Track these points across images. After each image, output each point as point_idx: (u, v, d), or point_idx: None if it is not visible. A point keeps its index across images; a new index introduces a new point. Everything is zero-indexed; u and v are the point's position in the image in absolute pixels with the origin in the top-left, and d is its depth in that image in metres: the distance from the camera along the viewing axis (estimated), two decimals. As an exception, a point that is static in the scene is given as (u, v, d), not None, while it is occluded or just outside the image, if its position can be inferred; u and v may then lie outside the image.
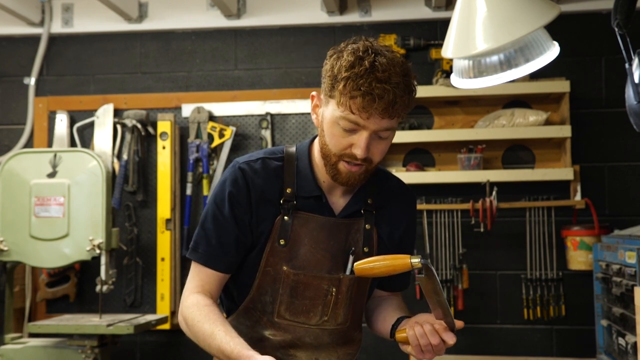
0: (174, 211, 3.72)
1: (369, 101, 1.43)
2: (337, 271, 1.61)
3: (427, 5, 3.67)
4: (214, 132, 3.70)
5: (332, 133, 1.52)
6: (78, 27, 3.89)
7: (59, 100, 3.89)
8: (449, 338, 1.46)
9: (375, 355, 3.59)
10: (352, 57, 1.47)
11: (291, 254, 1.59)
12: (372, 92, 1.43)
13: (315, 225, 1.60)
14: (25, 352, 3.26)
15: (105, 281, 3.32)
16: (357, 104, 1.45)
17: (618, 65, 2.21)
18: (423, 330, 1.47)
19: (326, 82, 1.52)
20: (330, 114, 1.51)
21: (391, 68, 1.45)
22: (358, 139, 1.49)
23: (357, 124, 1.48)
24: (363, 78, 1.43)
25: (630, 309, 2.59)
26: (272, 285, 1.60)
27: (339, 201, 1.64)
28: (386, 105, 1.44)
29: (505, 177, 3.49)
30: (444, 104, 3.66)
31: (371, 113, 1.45)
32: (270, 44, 3.81)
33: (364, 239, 1.63)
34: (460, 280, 3.56)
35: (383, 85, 1.43)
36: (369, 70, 1.44)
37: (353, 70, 1.45)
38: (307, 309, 1.60)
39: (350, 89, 1.44)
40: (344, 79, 1.46)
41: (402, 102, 1.46)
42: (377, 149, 1.52)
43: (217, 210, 1.60)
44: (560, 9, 1.44)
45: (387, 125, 1.48)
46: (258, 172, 1.61)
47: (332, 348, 1.66)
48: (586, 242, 3.37)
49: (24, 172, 3.39)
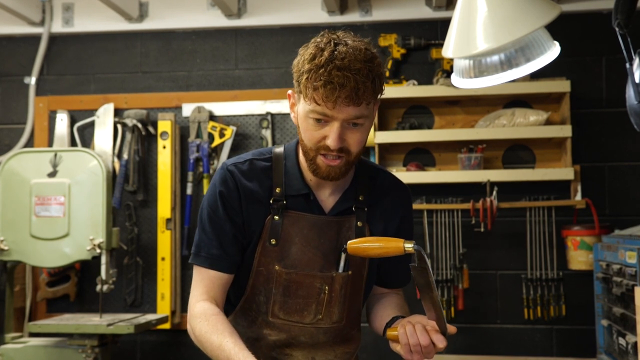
0: (175, 211, 3.72)
1: (331, 90, 1.43)
2: (329, 269, 1.61)
3: (428, 5, 3.67)
4: (214, 132, 3.70)
5: (306, 127, 1.52)
6: (78, 27, 3.89)
7: (59, 100, 3.89)
8: (439, 340, 1.44)
9: (375, 355, 3.59)
10: (314, 50, 1.48)
11: (282, 254, 1.60)
12: (332, 81, 1.43)
13: (305, 224, 1.61)
14: (25, 352, 3.26)
15: (106, 281, 3.32)
16: (320, 94, 1.45)
17: (619, 65, 2.21)
18: (414, 329, 1.46)
19: (294, 79, 1.54)
20: (302, 109, 1.52)
21: (351, 55, 1.44)
22: (330, 130, 1.49)
23: (325, 115, 1.48)
24: (322, 68, 1.44)
25: (631, 309, 2.59)
26: (265, 285, 1.61)
27: (328, 199, 1.64)
28: (349, 93, 1.43)
29: (506, 177, 3.49)
30: (445, 103, 3.66)
31: (336, 102, 1.44)
32: (270, 44, 3.81)
33: (355, 237, 1.62)
34: (460, 280, 3.56)
35: (343, 72, 1.42)
36: (328, 60, 1.44)
37: (314, 62, 1.46)
38: (301, 307, 1.60)
39: (313, 81, 1.45)
40: (307, 72, 1.47)
41: (366, 88, 1.45)
42: (352, 139, 1.51)
43: (211, 212, 1.61)
44: (560, 8, 1.44)
45: (355, 113, 1.47)
46: (246, 173, 1.62)
47: (329, 347, 1.66)
48: (586, 242, 3.37)
49: (25, 171, 3.39)
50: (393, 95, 3.53)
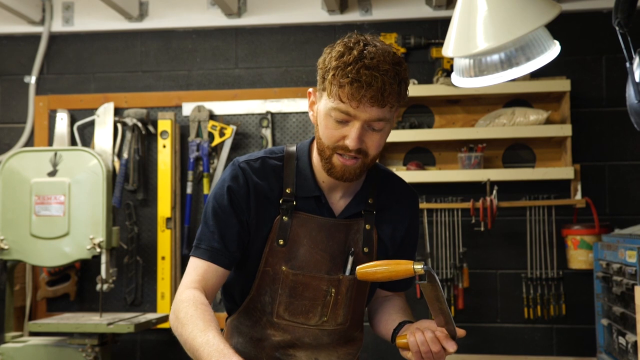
0: (175, 210, 3.72)
1: (357, 88, 1.43)
2: (336, 272, 1.60)
3: (428, 4, 3.67)
4: (214, 131, 3.70)
5: (326, 125, 1.51)
6: (78, 26, 3.89)
7: (59, 99, 3.89)
8: (450, 346, 1.45)
9: (375, 355, 3.59)
10: (342, 48, 1.48)
11: (290, 254, 1.59)
12: (359, 79, 1.42)
13: (314, 226, 1.60)
14: (25, 351, 3.26)
15: (106, 280, 3.33)
16: (346, 92, 1.44)
17: (619, 64, 2.21)
18: (424, 337, 1.46)
19: (319, 76, 1.53)
20: (323, 107, 1.52)
21: (380, 56, 1.45)
22: (350, 130, 1.48)
23: (348, 114, 1.47)
24: (351, 65, 1.44)
25: (631, 308, 2.59)
26: (271, 286, 1.60)
27: (339, 202, 1.63)
28: (375, 92, 1.43)
29: (506, 176, 3.49)
30: (445, 102, 3.66)
31: (361, 101, 1.44)
32: (270, 43, 3.81)
33: (363, 240, 1.62)
34: (460, 279, 3.56)
35: (371, 72, 1.43)
36: (357, 58, 1.44)
37: (342, 59, 1.46)
38: (307, 309, 1.60)
39: (339, 78, 1.45)
40: (333, 69, 1.47)
41: (392, 90, 1.45)
42: (372, 141, 1.51)
43: (217, 206, 1.58)
44: (561, 7, 1.44)
45: (378, 115, 1.47)
46: (258, 172, 1.60)
47: (332, 348, 1.66)
48: (586, 241, 3.37)
49: (25, 170, 3.39)
50: (393, 95, 3.53)
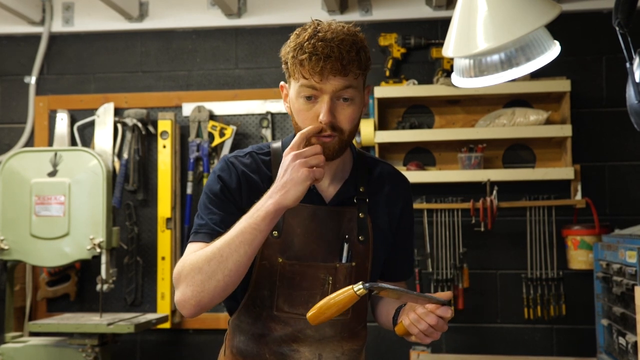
0: (175, 210, 3.72)
1: (316, 61, 1.47)
2: (332, 260, 1.62)
3: (428, 5, 3.67)
4: (214, 131, 3.70)
5: (298, 109, 1.55)
6: (79, 26, 3.89)
7: (59, 99, 3.89)
8: (444, 312, 1.45)
9: (376, 354, 3.59)
10: (297, 31, 1.55)
11: (285, 245, 1.60)
12: (317, 52, 1.47)
13: (306, 215, 1.61)
14: (25, 351, 3.26)
15: (106, 280, 3.33)
16: (307, 68, 1.49)
17: (619, 65, 2.21)
18: (417, 315, 1.47)
19: (283, 66, 1.58)
20: (293, 92, 1.56)
21: (333, 31, 1.50)
22: (320, 106, 1.52)
23: (314, 89, 1.50)
24: (307, 42, 1.49)
25: (631, 309, 2.59)
26: (268, 279, 1.61)
27: (328, 189, 1.65)
28: (334, 62, 1.47)
29: (506, 176, 3.49)
30: (445, 103, 3.66)
31: (322, 74, 1.48)
32: (270, 43, 3.81)
33: (358, 228, 1.64)
34: (460, 280, 3.56)
35: (327, 43, 1.47)
36: (311, 35, 1.50)
37: (297, 40, 1.52)
38: (306, 299, 1.60)
39: (299, 57, 1.49)
40: (292, 50, 1.52)
41: (351, 58, 1.48)
42: (343, 114, 1.53)
43: (211, 195, 1.62)
44: (561, 8, 1.44)
45: (343, 84, 1.50)
46: (247, 166, 1.64)
47: (337, 342, 1.66)
48: (587, 242, 3.37)
49: (25, 171, 3.39)
50: (393, 95, 3.53)
